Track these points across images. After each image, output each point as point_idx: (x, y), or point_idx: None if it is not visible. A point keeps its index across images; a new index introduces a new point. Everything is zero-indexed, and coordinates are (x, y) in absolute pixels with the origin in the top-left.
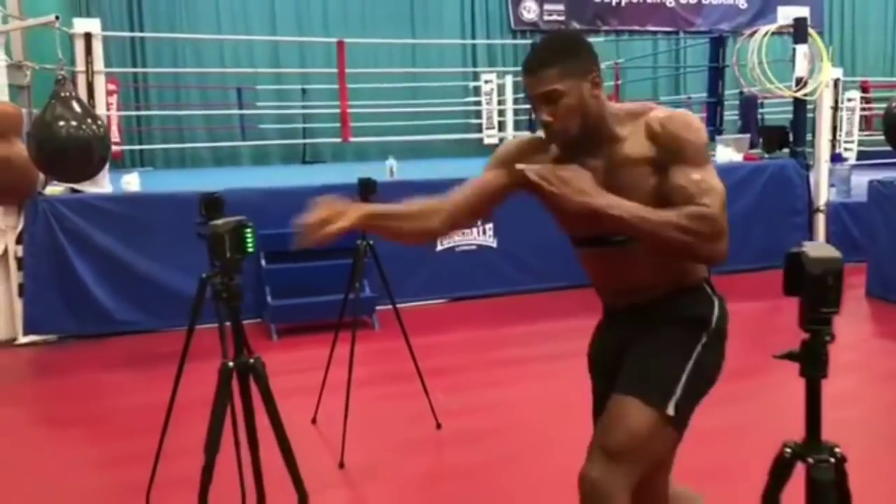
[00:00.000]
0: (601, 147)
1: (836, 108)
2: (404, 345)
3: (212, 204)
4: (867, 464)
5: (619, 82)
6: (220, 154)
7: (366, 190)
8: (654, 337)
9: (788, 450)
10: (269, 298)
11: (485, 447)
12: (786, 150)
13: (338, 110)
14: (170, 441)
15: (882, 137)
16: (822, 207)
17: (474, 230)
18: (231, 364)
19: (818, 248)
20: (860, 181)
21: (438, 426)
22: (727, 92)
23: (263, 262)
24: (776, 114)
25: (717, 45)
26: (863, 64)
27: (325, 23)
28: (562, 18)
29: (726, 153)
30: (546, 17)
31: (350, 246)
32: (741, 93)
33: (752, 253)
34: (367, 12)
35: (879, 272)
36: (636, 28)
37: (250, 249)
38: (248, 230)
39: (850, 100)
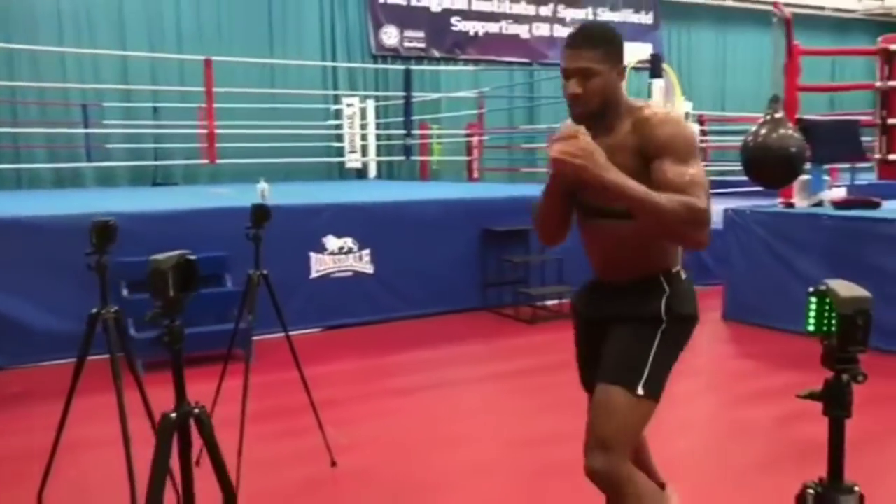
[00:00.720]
0: (605, 131)
1: None
2: (286, 378)
3: (104, 232)
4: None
5: (483, 111)
6: (62, 175)
7: (259, 218)
8: (619, 335)
9: (811, 490)
10: (132, 331)
11: (382, 485)
12: None
13: (192, 130)
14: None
15: (718, 167)
16: None
17: (350, 257)
18: (173, 416)
19: (846, 287)
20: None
21: (333, 464)
22: None
23: (125, 292)
24: None
25: None
26: (697, 99)
27: (179, 39)
28: (422, 45)
29: None
30: (406, 44)
31: (217, 273)
32: None
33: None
34: (224, 30)
35: (735, 296)
36: (493, 58)
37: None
38: (194, 265)
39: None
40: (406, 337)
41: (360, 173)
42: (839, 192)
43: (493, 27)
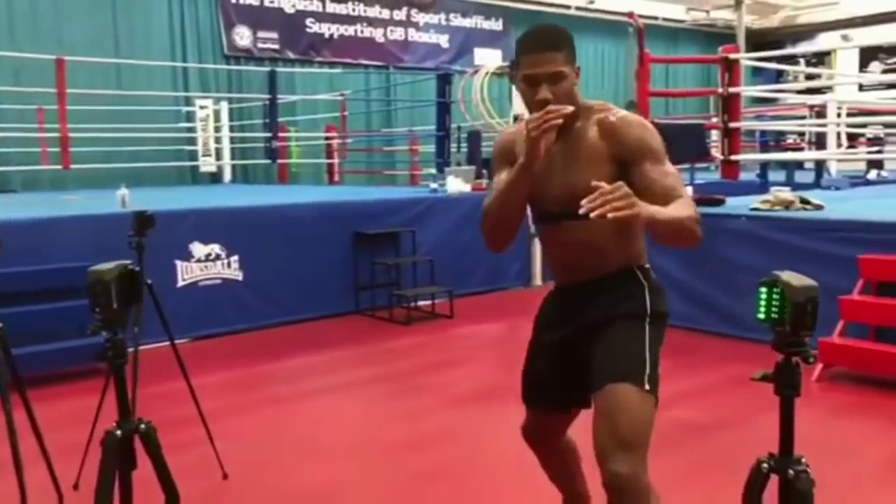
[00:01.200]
0: (567, 134)
1: None
2: (161, 390)
3: None
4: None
5: (346, 113)
6: None
7: (142, 225)
8: (611, 334)
9: (765, 464)
10: None
11: (269, 496)
12: None
13: (32, 134)
14: None
15: None
16: (534, 233)
17: (218, 264)
18: (118, 432)
19: (796, 278)
20: None
21: (225, 476)
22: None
23: None
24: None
25: (444, 81)
26: None
27: (12, 35)
28: (276, 47)
29: (456, 184)
30: (260, 45)
31: (78, 285)
32: (458, 127)
33: (481, 277)
34: (63, 27)
35: None
36: (348, 61)
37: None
38: (136, 275)
39: None
40: (281, 344)
41: (215, 177)
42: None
43: (348, 30)
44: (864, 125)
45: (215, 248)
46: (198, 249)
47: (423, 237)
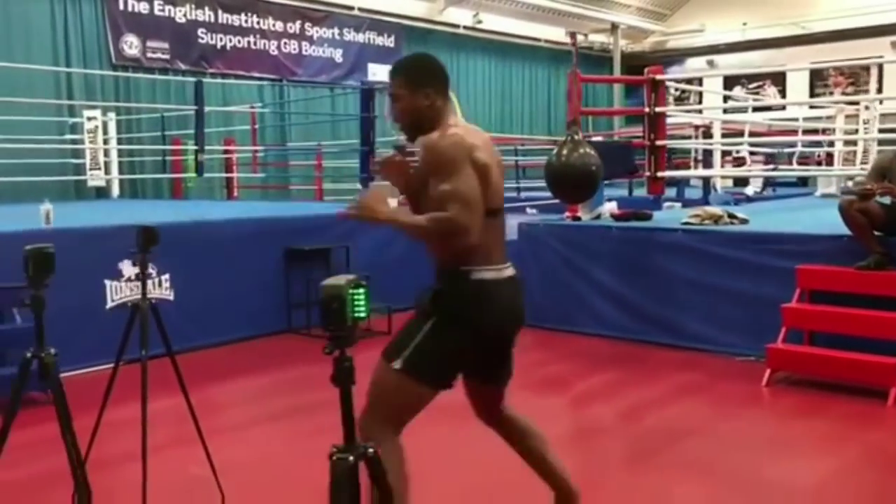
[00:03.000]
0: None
1: None
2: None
3: None
4: None
5: (257, 126)
6: None
7: (147, 242)
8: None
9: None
10: None
11: None
12: None
13: None
14: None
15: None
16: None
17: (149, 282)
18: (350, 458)
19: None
20: None
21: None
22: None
23: None
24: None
25: (368, 96)
26: None
27: None
28: (167, 57)
29: None
30: (150, 55)
31: None
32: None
33: (412, 292)
34: None
35: (530, 301)
36: (241, 73)
37: None
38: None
39: None
40: (214, 368)
41: (101, 192)
42: (613, 206)
43: (241, 41)
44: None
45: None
46: (128, 268)
47: (356, 253)
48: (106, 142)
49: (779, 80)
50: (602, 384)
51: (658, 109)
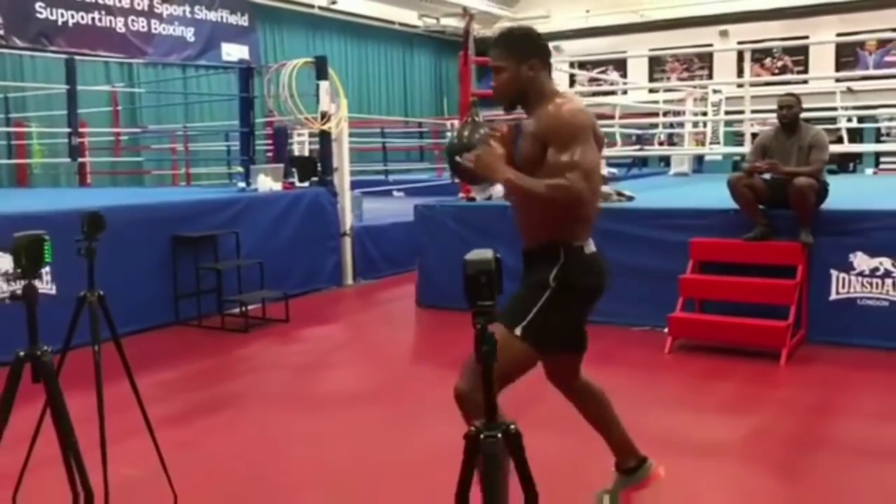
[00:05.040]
0: (529, 117)
1: None
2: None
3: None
4: None
5: (120, 108)
6: None
7: (93, 228)
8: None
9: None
10: None
11: None
12: (315, 179)
13: None
14: None
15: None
16: (348, 231)
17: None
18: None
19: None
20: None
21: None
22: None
23: None
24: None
25: (246, 76)
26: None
27: None
28: (0, 33)
29: (266, 182)
30: None
31: None
32: (252, 123)
33: (299, 277)
34: None
35: (429, 284)
36: (86, 52)
37: None
38: None
39: None
40: (113, 364)
41: None
42: (501, 188)
43: (84, 17)
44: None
45: None
46: (3, 262)
47: (242, 239)
48: None
49: (620, 65)
50: None
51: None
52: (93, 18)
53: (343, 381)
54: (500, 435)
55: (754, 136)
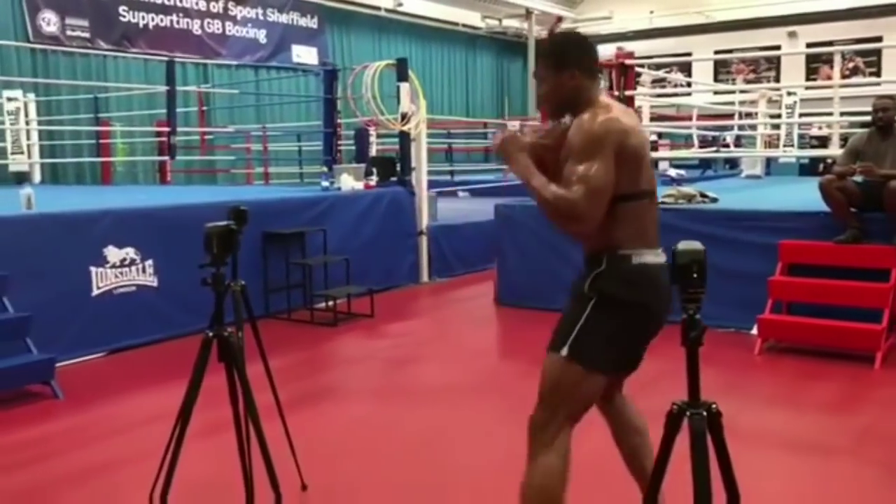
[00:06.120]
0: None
1: None
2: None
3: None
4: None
5: (205, 108)
6: None
7: (239, 221)
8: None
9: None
10: None
11: None
12: (394, 179)
13: None
14: None
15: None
16: (424, 230)
17: (133, 268)
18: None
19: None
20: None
21: (304, 487)
22: (314, 122)
23: None
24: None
25: (331, 78)
26: None
27: None
28: (87, 35)
29: (349, 181)
30: (69, 32)
31: None
32: (336, 124)
33: (380, 274)
34: None
35: (509, 282)
36: (164, 53)
37: None
38: None
39: None
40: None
41: (21, 178)
42: None
43: (163, 20)
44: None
45: (130, 253)
46: (113, 254)
47: (328, 235)
48: (27, 123)
49: (685, 66)
50: None
51: (628, 93)
52: (171, 21)
53: (436, 374)
54: (705, 413)
55: (819, 139)
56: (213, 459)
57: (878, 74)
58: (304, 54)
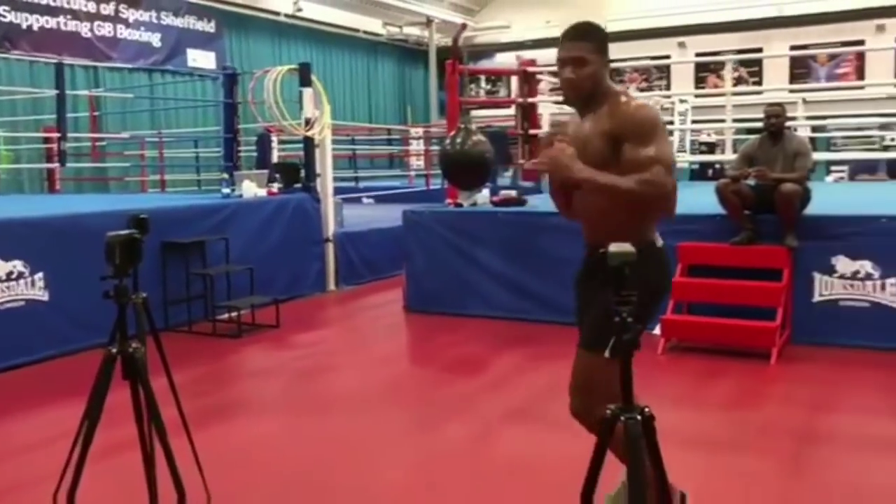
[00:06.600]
0: (590, 113)
1: None
2: None
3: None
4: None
5: (97, 114)
6: None
7: (142, 229)
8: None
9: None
10: None
11: None
12: (298, 185)
13: None
14: None
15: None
16: (330, 237)
17: (22, 282)
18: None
19: (617, 246)
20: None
21: None
22: (211, 127)
23: None
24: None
25: (231, 82)
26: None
27: None
28: None
29: (251, 188)
30: None
31: None
32: (236, 129)
33: (285, 283)
34: None
35: (418, 289)
36: (51, 56)
37: None
38: None
39: None
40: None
41: None
42: (486, 194)
43: (49, 21)
44: None
45: (18, 266)
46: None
47: (230, 244)
48: None
49: None
50: (521, 360)
51: (531, 100)
52: (58, 23)
53: (345, 385)
54: (639, 417)
55: (707, 145)
56: (113, 481)
57: (759, 83)
58: (201, 59)
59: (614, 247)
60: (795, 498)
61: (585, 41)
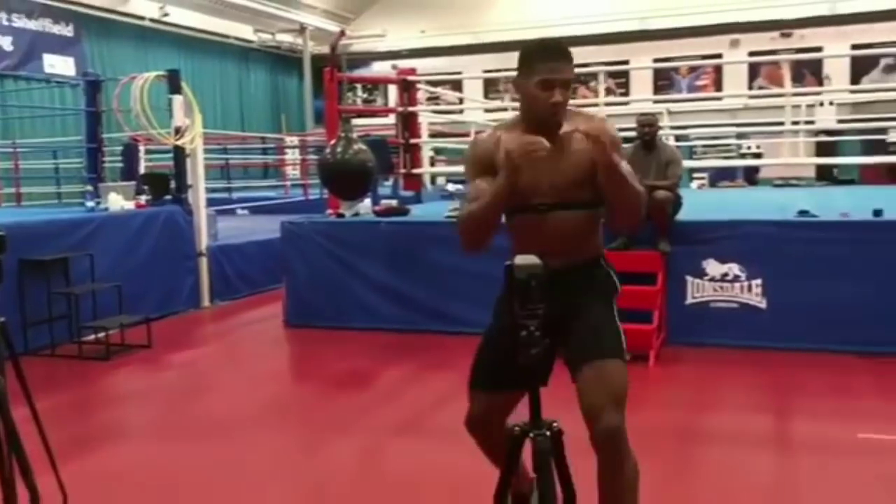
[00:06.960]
0: (553, 135)
1: None
2: None
3: None
4: None
5: None
6: None
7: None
8: (593, 312)
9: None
10: None
11: None
12: (168, 197)
13: None
14: None
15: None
16: (203, 251)
17: None
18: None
19: (523, 258)
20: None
21: None
22: (72, 137)
23: None
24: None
25: (94, 89)
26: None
27: None
28: None
29: (117, 201)
30: None
31: None
32: (100, 139)
33: (156, 301)
34: None
35: (298, 302)
36: None
37: None
38: None
39: None
40: None
41: None
42: (368, 203)
43: None
44: None
45: None
46: None
47: (96, 261)
48: None
49: (457, 84)
50: (407, 372)
51: (411, 109)
52: None
53: (224, 406)
54: (548, 433)
55: None
56: None
57: (626, 94)
58: (59, 64)
59: (520, 259)
60: (673, 498)
61: (570, 61)
